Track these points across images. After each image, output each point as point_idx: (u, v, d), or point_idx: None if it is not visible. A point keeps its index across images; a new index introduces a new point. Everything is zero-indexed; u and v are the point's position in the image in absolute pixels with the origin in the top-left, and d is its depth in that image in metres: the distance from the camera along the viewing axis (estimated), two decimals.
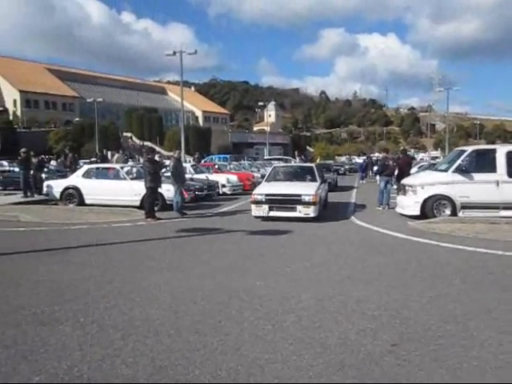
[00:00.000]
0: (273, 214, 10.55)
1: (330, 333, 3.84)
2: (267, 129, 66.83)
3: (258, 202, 10.69)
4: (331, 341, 3.67)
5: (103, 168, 15.11)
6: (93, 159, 27.10)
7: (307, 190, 10.68)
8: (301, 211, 10.35)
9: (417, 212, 10.73)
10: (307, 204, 10.32)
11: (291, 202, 10.45)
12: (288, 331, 3.89)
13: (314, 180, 11.98)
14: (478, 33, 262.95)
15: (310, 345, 3.59)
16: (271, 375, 3.09)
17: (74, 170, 17.53)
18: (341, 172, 34.70)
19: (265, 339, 3.71)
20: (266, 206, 10.56)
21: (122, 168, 14.32)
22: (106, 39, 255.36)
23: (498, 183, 10.19)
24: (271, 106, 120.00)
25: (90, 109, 51.61)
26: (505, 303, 4.60)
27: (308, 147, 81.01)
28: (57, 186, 14.22)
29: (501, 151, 10.48)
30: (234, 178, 19.32)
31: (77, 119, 56.83)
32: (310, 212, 10.34)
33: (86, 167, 15.18)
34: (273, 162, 30.76)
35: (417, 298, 4.78)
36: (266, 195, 10.65)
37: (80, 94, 70.16)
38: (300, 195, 10.41)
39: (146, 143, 54.83)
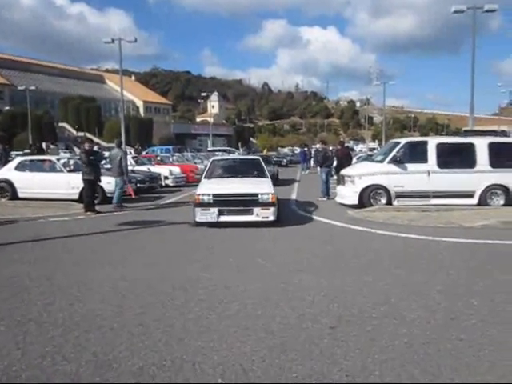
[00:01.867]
0: (224, 218, 8.69)
1: (273, 319, 3.97)
2: (210, 120, 66.64)
3: (204, 205, 8.65)
4: (273, 326, 3.81)
5: (38, 160, 14.41)
6: (26, 151, 25.68)
7: (263, 187, 9.01)
8: (258, 214, 8.62)
9: (355, 201, 11.19)
10: (266, 205, 8.65)
11: (246, 203, 8.69)
12: (232, 319, 3.98)
13: (263, 175, 10.23)
14: (414, 28, 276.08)
15: (254, 331, 3.71)
16: (215, 362, 3.16)
17: (5, 163, 16.49)
18: (283, 164, 35.14)
19: (209, 328, 3.78)
20: (214, 210, 8.60)
21: (58, 160, 13.73)
22: (37, 23, 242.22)
23: (429, 173, 10.85)
24: (214, 96, 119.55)
25: (22, 97, 48.60)
26: (433, 284, 4.96)
27: (251, 138, 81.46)
28: None
29: (432, 143, 11.17)
30: (176, 169, 19.13)
31: (7, 108, 53.32)
32: (270, 215, 8.65)
33: (18, 159, 14.42)
34: (217, 153, 30.71)
35: (354, 284, 5.04)
36: (215, 195, 8.68)
37: (10, 82, 65.85)
38: (257, 194, 8.70)
39: (88, 135, 52.65)
